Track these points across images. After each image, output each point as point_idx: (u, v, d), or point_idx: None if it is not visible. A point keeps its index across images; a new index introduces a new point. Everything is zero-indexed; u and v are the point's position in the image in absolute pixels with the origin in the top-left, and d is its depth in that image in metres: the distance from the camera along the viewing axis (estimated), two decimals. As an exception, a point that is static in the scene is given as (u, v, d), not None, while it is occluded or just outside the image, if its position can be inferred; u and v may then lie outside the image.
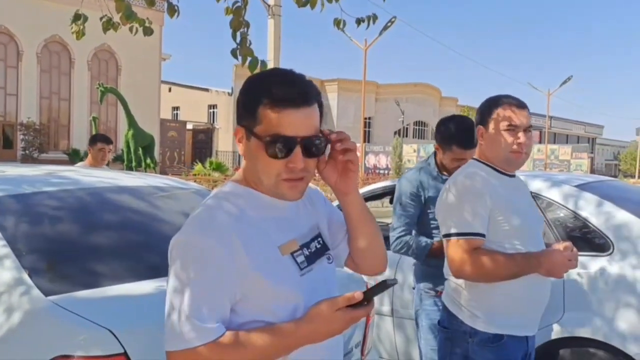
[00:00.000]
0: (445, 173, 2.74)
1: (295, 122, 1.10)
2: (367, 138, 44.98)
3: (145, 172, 20.66)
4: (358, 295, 1.08)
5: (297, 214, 1.24)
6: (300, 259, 1.19)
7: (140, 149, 21.01)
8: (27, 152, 28.15)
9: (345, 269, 1.45)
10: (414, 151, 34.35)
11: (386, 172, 32.55)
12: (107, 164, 4.80)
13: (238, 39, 3.01)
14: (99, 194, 2.33)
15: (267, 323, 1.11)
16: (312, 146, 1.13)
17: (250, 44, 3.01)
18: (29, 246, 1.88)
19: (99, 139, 4.65)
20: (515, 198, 1.97)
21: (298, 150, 1.11)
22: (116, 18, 3.07)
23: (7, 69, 30.29)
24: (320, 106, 1.18)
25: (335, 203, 1.43)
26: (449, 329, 2.02)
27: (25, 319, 1.61)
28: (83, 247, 2.02)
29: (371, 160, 35.55)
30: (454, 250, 1.91)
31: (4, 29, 29.01)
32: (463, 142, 2.62)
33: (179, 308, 1.06)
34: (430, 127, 53.60)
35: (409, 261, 3.38)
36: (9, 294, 1.67)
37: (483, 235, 1.89)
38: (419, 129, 53.08)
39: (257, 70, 3.01)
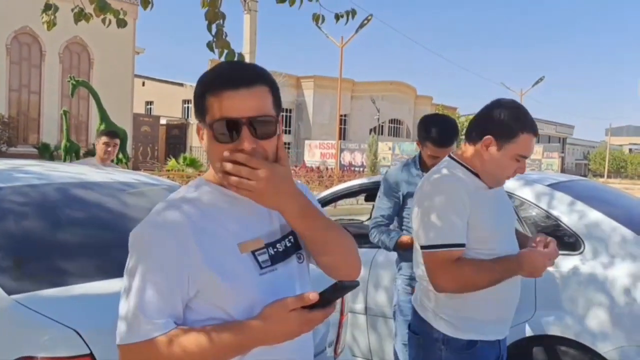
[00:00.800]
0: (426, 169, 2.76)
1: (236, 104, 1.07)
2: (342, 135, 45.07)
3: (118, 167, 20.29)
4: (313, 296, 1.03)
5: (269, 210, 1.18)
6: (263, 257, 1.14)
7: (112, 143, 20.59)
8: (-6, 145, 27.41)
9: None
10: (389, 149, 34.55)
11: (361, 169, 32.68)
12: (113, 161, 4.66)
13: (214, 31, 2.96)
14: (65, 189, 2.26)
15: (223, 321, 1.08)
16: (260, 125, 1.09)
17: (226, 36, 2.96)
18: (-9, 243, 1.81)
19: (103, 133, 4.52)
20: (492, 201, 1.87)
21: (245, 131, 1.07)
22: (88, 9, 2.99)
23: (-26, 60, 29.46)
24: (274, 89, 1.15)
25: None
26: (420, 335, 1.93)
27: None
28: (49, 245, 1.95)
29: (347, 157, 35.64)
30: (434, 263, 1.79)
31: (-29, 19, 28.14)
32: (437, 140, 2.66)
33: (127, 301, 1.05)
34: (405, 125, 53.98)
35: (384, 258, 3.38)
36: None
37: (463, 245, 1.78)
38: (394, 126, 53.38)
39: None
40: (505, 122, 1.78)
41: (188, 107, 43.32)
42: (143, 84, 41.84)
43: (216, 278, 1.06)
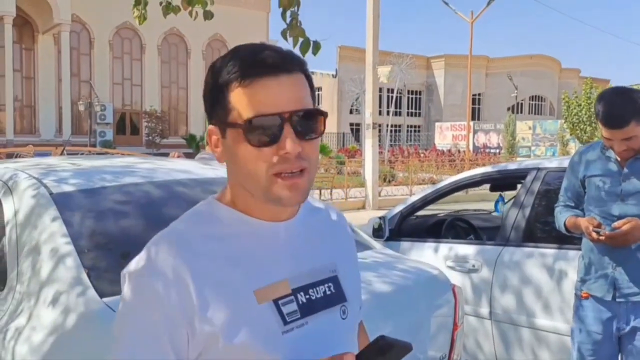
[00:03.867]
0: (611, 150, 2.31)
1: (275, 94, 0.82)
2: (477, 115, 42.98)
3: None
4: (348, 358, 0.80)
5: (301, 243, 0.92)
6: (289, 308, 0.87)
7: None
8: (150, 137, 30.35)
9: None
10: (529, 128, 32.12)
11: (497, 151, 30.84)
12: None
13: (288, 18, 2.82)
14: (168, 187, 2.27)
15: None
16: (307, 123, 0.83)
17: (301, 24, 2.81)
18: (91, 243, 1.84)
19: None
20: None
21: (288, 129, 0.81)
22: (176, 2, 3.05)
23: (133, 62, 32.79)
24: (309, 79, 0.89)
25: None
26: None
27: (79, 321, 1.56)
28: (145, 244, 1.96)
29: (481, 139, 33.87)
30: None
31: (129, 25, 31.27)
32: (602, 120, 2.18)
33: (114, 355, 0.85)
34: (548, 102, 50.06)
35: (511, 256, 3.04)
36: (67, 294, 1.64)
37: None
38: (535, 104, 49.83)
39: (309, 53, 2.81)
40: None
41: (318, 94, 44.20)
42: (277, 74, 43.43)
43: (221, 339, 0.82)
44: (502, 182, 3.73)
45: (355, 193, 13.83)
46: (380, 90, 23.59)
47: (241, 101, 0.83)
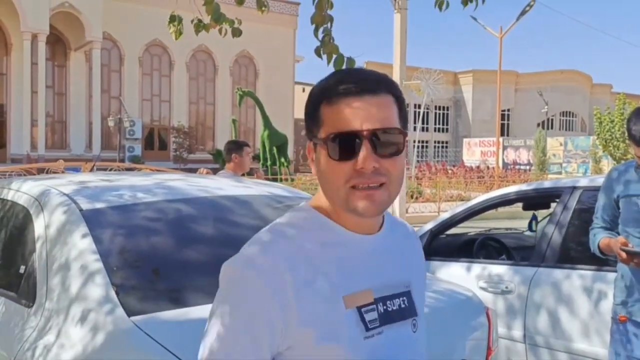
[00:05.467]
0: None
1: (356, 112, 0.89)
2: (505, 131, 42.47)
3: (280, 170, 21.48)
4: None
5: (385, 256, 0.99)
6: (371, 316, 0.92)
7: (274, 148, 21.87)
8: (177, 152, 30.81)
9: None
10: (560, 144, 31.55)
11: (528, 167, 30.32)
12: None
13: (320, 35, 2.81)
14: (200, 204, 2.25)
15: None
16: (386, 141, 0.90)
17: (334, 40, 2.80)
18: (120, 261, 1.83)
19: (244, 143, 4.57)
20: None
21: (365, 145, 0.88)
22: (206, 20, 3.09)
23: (161, 78, 33.46)
24: (400, 101, 0.95)
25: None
26: None
27: (107, 340, 1.54)
28: (176, 262, 1.93)
29: (510, 155, 33.38)
30: None
31: (158, 42, 32.01)
32: (632, 137, 2.18)
33: (209, 349, 0.91)
34: (579, 118, 49.26)
35: (548, 276, 2.94)
36: (96, 312, 1.62)
37: None
38: (566, 119, 49.07)
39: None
40: None
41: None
42: (303, 90, 43.75)
43: (313, 337, 0.89)
44: (538, 200, 3.63)
45: (381, 209, 13.69)
46: (407, 105, 23.46)
47: (328, 118, 0.92)
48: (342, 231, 0.95)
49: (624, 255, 2.13)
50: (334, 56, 2.81)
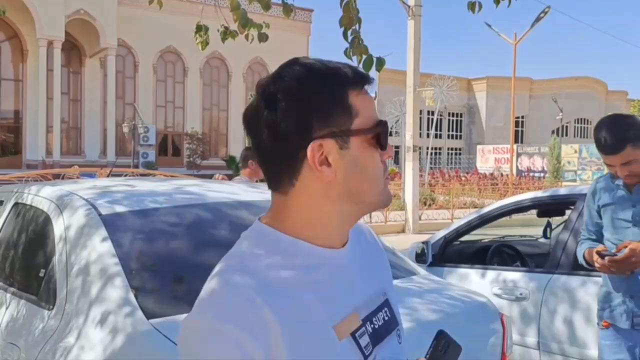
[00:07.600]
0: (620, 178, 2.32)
1: (372, 101, 0.86)
2: (520, 138, 42.18)
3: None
4: None
5: (357, 268, 0.87)
6: (364, 341, 0.81)
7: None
8: (191, 159, 30.99)
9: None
10: (575, 152, 31.23)
11: (542, 175, 30.06)
12: None
13: (349, 37, 2.82)
14: (217, 209, 2.29)
15: None
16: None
17: (363, 41, 2.81)
18: (139, 264, 1.86)
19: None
20: None
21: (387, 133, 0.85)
22: (233, 26, 3.12)
23: (175, 85, 33.76)
24: None
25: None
26: None
27: (126, 342, 1.57)
28: (193, 266, 1.96)
29: (524, 162, 33.12)
30: None
31: (172, 49, 32.31)
32: (599, 147, 2.24)
33: None
34: (594, 125, 48.86)
35: (562, 283, 2.92)
36: (115, 314, 1.65)
37: None
38: (580, 127, 48.62)
39: (372, 69, 2.81)
40: None
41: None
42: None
43: None
44: (553, 207, 3.62)
45: (395, 216, 13.65)
46: (421, 112, 23.46)
47: (362, 107, 0.81)
48: (312, 249, 0.81)
49: (599, 263, 2.19)
50: (364, 56, 2.81)
